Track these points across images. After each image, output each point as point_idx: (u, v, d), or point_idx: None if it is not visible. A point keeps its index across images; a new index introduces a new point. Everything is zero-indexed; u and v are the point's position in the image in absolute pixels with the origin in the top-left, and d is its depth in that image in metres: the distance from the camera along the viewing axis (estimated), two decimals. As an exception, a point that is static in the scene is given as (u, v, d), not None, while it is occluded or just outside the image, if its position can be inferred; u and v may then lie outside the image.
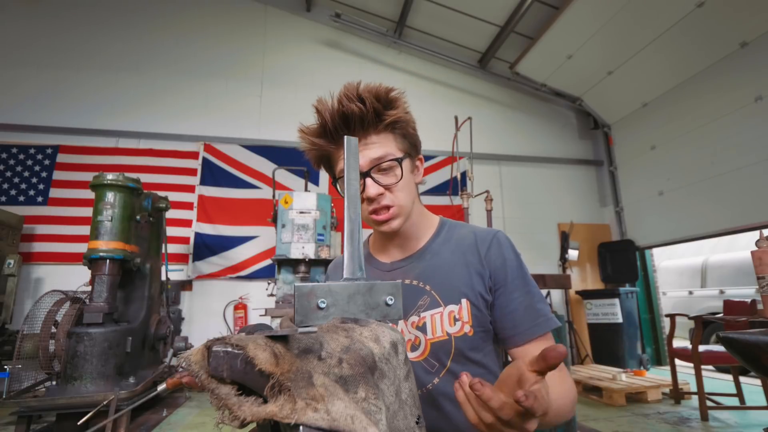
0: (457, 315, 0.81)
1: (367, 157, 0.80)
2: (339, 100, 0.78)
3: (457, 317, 0.81)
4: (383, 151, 0.81)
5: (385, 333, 0.54)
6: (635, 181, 5.64)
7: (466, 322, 0.81)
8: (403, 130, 0.85)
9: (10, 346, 3.53)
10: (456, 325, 0.81)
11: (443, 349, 0.81)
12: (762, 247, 1.83)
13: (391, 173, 0.82)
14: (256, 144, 5.18)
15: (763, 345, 1.46)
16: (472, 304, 0.82)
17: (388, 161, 0.81)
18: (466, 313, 0.81)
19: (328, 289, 0.44)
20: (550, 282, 4.46)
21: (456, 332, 0.81)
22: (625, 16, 4.42)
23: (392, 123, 0.82)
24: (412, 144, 0.89)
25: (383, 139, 0.82)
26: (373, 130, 0.81)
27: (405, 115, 0.84)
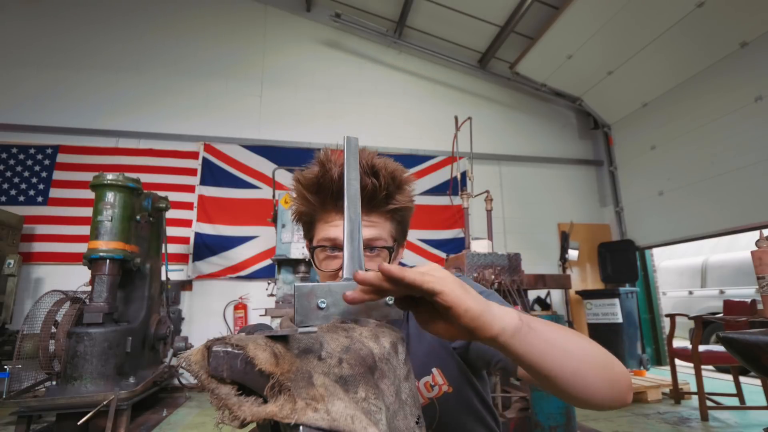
0: (432, 382, 0.81)
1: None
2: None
3: (433, 384, 0.81)
4: (377, 234, 0.76)
5: (385, 333, 0.54)
6: (635, 181, 5.64)
7: (442, 384, 0.81)
8: (403, 218, 0.82)
9: (10, 346, 3.52)
10: (434, 390, 0.81)
11: (429, 412, 0.82)
12: (762, 247, 1.83)
13: (377, 258, 0.78)
14: (256, 144, 5.18)
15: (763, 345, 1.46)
16: (442, 369, 0.81)
17: (379, 246, 0.77)
18: (440, 378, 0.81)
19: (328, 289, 0.44)
20: (550, 282, 4.46)
21: (436, 395, 0.81)
22: (625, 16, 4.42)
23: (397, 209, 0.78)
24: (404, 233, 0.85)
25: (381, 222, 0.78)
26: (377, 211, 0.76)
27: (410, 204, 0.81)
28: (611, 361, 0.57)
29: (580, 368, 0.52)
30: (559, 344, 0.51)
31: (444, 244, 5.31)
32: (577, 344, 0.54)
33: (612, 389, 0.55)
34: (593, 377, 0.53)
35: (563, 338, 0.52)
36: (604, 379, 0.54)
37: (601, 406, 0.56)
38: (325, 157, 0.74)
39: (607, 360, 0.56)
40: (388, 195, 0.75)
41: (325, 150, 0.75)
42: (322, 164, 0.74)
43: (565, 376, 0.51)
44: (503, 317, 0.46)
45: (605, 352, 0.58)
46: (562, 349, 0.51)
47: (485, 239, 3.58)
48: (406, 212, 0.81)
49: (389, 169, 0.75)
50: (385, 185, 0.73)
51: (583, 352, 0.54)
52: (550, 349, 0.49)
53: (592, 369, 0.53)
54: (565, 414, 2.33)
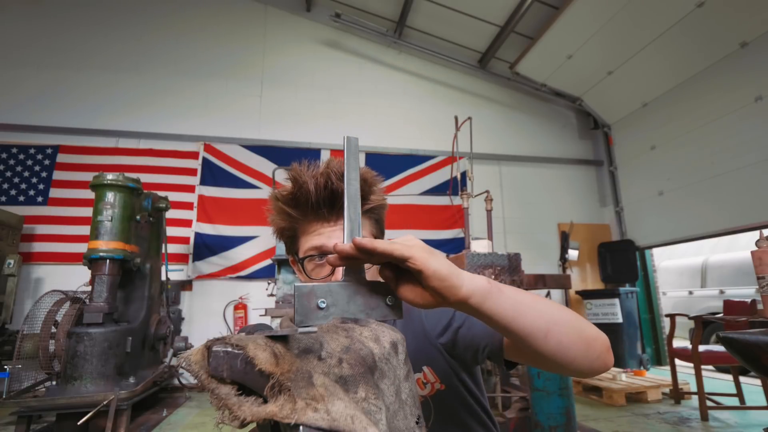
0: (425, 380, 0.84)
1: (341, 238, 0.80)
2: (326, 176, 0.76)
3: (425, 381, 0.84)
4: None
5: (385, 333, 0.54)
6: (635, 181, 5.64)
7: (434, 382, 0.84)
8: (379, 216, 0.85)
9: (10, 346, 3.53)
10: (427, 387, 0.84)
11: (424, 410, 0.84)
12: (762, 247, 1.83)
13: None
14: (256, 144, 5.18)
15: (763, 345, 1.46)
16: (433, 365, 0.84)
17: None
18: (431, 375, 0.84)
19: (328, 289, 0.44)
20: (550, 282, 4.46)
21: (429, 392, 0.84)
22: (625, 16, 4.42)
23: (372, 208, 0.82)
24: (381, 229, 0.88)
25: (362, 222, 0.81)
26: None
27: (383, 202, 0.85)
28: (584, 323, 0.59)
29: (552, 329, 0.55)
30: (528, 304, 0.54)
31: (444, 244, 5.31)
32: (547, 305, 0.57)
33: (588, 349, 0.58)
34: (566, 337, 0.56)
35: (532, 300, 0.55)
36: (578, 339, 0.57)
37: (581, 368, 0.59)
38: (296, 173, 0.78)
39: (579, 322, 0.59)
40: (363, 196, 0.78)
41: (295, 167, 0.79)
42: (295, 180, 0.78)
43: (538, 336, 0.54)
44: (472, 279, 0.49)
45: (577, 316, 0.60)
46: (532, 308, 0.54)
47: (485, 239, 3.58)
48: (381, 210, 0.85)
49: (359, 172, 0.77)
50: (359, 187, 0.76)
51: (553, 312, 0.56)
52: (521, 308, 0.52)
53: (564, 328, 0.56)
54: (565, 414, 2.33)
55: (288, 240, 0.86)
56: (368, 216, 0.83)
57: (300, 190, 0.78)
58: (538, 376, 2.38)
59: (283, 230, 0.85)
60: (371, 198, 0.82)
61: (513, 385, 3.12)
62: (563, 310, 0.58)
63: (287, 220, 0.82)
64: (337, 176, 0.76)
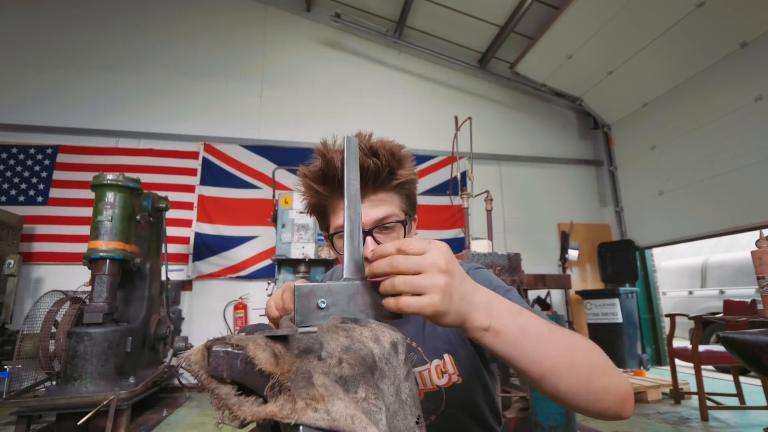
0: (444, 368, 0.83)
1: (372, 216, 0.78)
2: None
3: (444, 370, 0.83)
4: (389, 211, 0.80)
5: (385, 333, 0.54)
6: (635, 181, 5.64)
7: (453, 374, 0.83)
8: (409, 191, 0.85)
9: (10, 346, 3.53)
10: (444, 377, 0.83)
11: (435, 399, 0.83)
12: (762, 247, 1.83)
13: (392, 234, 0.81)
14: (256, 144, 5.18)
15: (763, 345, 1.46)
16: (455, 356, 0.83)
17: (392, 222, 0.80)
18: (450, 366, 0.83)
19: (328, 289, 0.44)
20: (550, 282, 4.46)
21: (445, 384, 0.83)
22: (625, 16, 4.42)
23: (402, 183, 0.81)
24: (413, 206, 0.88)
25: (389, 198, 0.81)
26: (383, 188, 0.80)
27: (414, 176, 0.84)
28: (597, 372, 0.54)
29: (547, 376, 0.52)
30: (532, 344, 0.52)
31: (444, 244, 5.30)
32: (558, 347, 0.53)
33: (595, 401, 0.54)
34: (565, 385, 0.53)
35: (538, 339, 0.53)
36: (582, 389, 0.53)
37: (586, 414, 0.56)
38: (324, 148, 0.78)
39: (591, 371, 0.54)
40: (391, 171, 0.78)
41: (323, 142, 0.78)
42: (323, 155, 0.78)
43: (533, 378, 0.53)
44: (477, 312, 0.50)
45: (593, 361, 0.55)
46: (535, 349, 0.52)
47: (485, 239, 3.58)
48: (411, 185, 0.84)
49: (387, 147, 0.78)
50: (386, 163, 0.76)
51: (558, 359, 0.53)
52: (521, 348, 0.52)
53: (565, 377, 0.53)
54: (565, 414, 2.33)
55: (319, 216, 0.87)
56: (397, 191, 0.82)
57: (327, 167, 0.77)
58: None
59: (313, 206, 0.86)
60: (399, 173, 0.80)
61: (513, 385, 3.12)
62: (574, 355, 0.54)
63: (316, 197, 0.82)
64: (364, 151, 0.75)
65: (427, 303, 0.46)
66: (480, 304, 0.51)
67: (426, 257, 0.48)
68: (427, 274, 0.47)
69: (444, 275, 0.47)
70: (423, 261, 0.48)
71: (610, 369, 0.56)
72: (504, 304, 0.53)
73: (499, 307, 0.52)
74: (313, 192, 0.82)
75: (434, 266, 0.47)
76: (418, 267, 0.47)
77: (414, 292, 0.47)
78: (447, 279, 0.47)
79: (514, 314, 0.53)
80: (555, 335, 0.54)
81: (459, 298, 0.49)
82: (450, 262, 0.49)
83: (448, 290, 0.47)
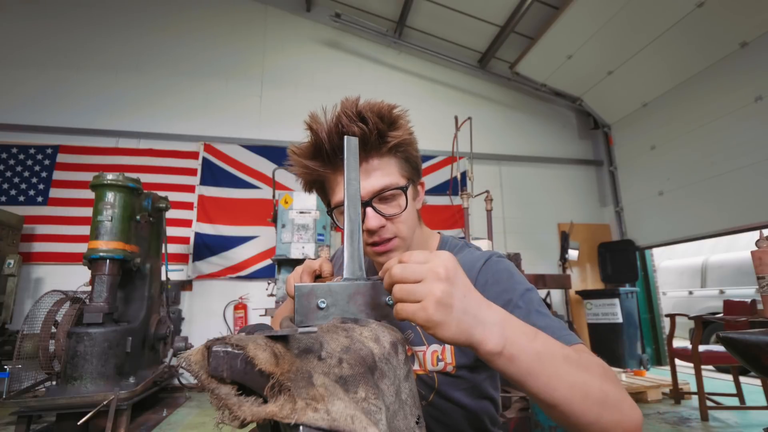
0: (440, 355, 0.79)
1: (369, 186, 0.74)
2: (338, 119, 0.71)
3: (440, 357, 0.79)
4: (387, 180, 0.75)
5: (385, 333, 0.54)
6: (635, 181, 5.64)
7: (449, 363, 0.79)
8: (407, 152, 0.79)
9: (10, 346, 3.52)
10: (439, 365, 0.79)
11: (427, 384, 0.80)
12: (762, 247, 1.83)
13: (394, 203, 0.77)
14: (256, 144, 5.18)
15: (763, 345, 1.46)
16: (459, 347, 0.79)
17: (391, 191, 0.76)
18: (449, 354, 0.79)
19: (328, 289, 0.44)
20: (550, 282, 4.46)
21: (439, 370, 0.79)
22: (625, 17, 4.41)
23: (396, 146, 0.76)
24: (415, 168, 0.82)
25: (385, 164, 0.76)
26: (376, 153, 0.75)
27: (409, 137, 0.78)
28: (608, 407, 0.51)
29: (560, 406, 0.50)
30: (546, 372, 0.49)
31: (444, 244, 5.30)
32: (573, 377, 0.51)
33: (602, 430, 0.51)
34: (574, 417, 0.50)
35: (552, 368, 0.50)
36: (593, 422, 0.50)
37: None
38: (312, 120, 0.74)
39: (604, 404, 0.51)
40: (380, 134, 0.73)
41: (312, 114, 0.74)
42: (310, 128, 0.74)
43: (543, 406, 0.51)
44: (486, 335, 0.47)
45: (606, 393, 0.52)
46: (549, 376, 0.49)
47: (485, 239, 3.58)
48: (408, 146, 0.79)
49: (374, 110, 0.73)
50: (373, 126, 0.72)
51: (572, 391, 0.50)
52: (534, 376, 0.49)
53: (576, 408, 0.50)
54: (565, 414, 2.32)
55: (320, 192, 0.83)
56: (393, 155, 0.77)
57: (316, 138, 0.73)
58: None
59: (310, 183, 0.82)
60: (390, 135, 0.74)
61: (513, 385, 3.11)
62: (588, 387, 0.51)
63: (310, 174, 0.78)
64: (349, 118, 0.71)
65: (420, 309, 0.44)
66: (491, 324, 0.47)
67: (425, 265, 0.47)
68: (425, 282, 0.46)
69: (442, 283, 0.45)
70: (421, 269, 0.46)
71: (623, 401, 0.53)
72: (519, 327, 0.49)
73: (513, 330, 0.48)
74: (306, 169, 0.78)
75: (432, 273, 0.46)
76: (417, 275, 0.46)
77: (409, 299, 0.46)
78: (445, 287, 0.45)
79: (529, 338, 0.49)
80: (570, 363, 0.51)
81: (461, 311, 0.45)
82: (451, 270, 0.47)
83: (446, 300, 0.45)
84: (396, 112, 0.77)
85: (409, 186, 0.79)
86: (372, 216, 0.75)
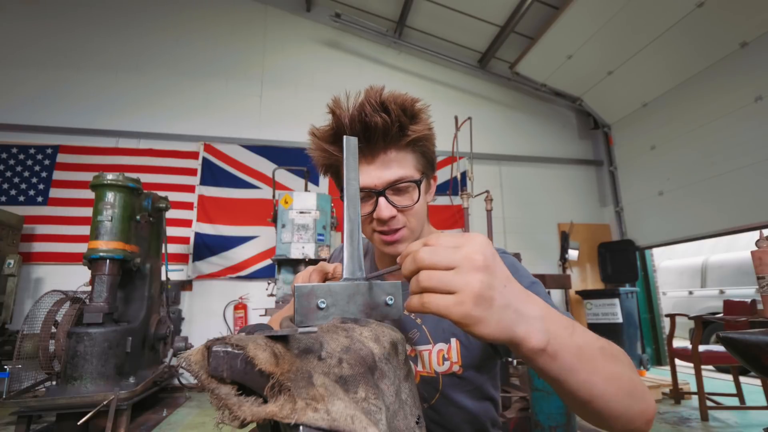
0: (446, 354, 0.78)
1: (384, 177, 0.75)
2: (361, 107, 0.72)
3: (446, 357, 0.78)
4: (402, 172, 0.76)
5: (385, 333, 0.54)
6: (635, 181, 5.64)
7: (455, 363, 0.78)
8: (424, 147, 0.79)
9: (10, 346, 3.52)
10: (444, 365, 0.78)
11: (431, 385, 0.79)
12: (762, 247, 1.83)
13: (407, 195, 0.78)
14: (256, 144, 5.18)
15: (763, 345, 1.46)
16: (463, 343, 0.78)
17: (405, 183, 0.76)
18: (455, 353, 0.78)
19: (328, 289, 0.44)
20: (550, 282, 4.46)
21: (444, 371, 0.78)
22: (625, 17, 4.42)
23: (415, 140, 0.76)
24: (430, 163, 0.83)
25: (402, 157, 0.76)
26: (394, 146, 0.75)
27: (429, 132, 0.78)
28: (634, 397, 0.50)
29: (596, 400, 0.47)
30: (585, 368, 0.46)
31: (444, 244, 5.30)
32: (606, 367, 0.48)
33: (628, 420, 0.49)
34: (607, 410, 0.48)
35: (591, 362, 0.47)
36: (622, 412, 0.49)
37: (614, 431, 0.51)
38: (335, 104, 0.74)
39: (635, 388, 0.50)
40: (401, 127, 0.74)
41: (335, 98, 0.75)
42: (332, 112, 0.75)
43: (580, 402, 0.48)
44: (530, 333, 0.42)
45: (635, 378, 0.51)
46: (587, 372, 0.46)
47: (485, 239, 3.58)
48: (426, 141, 0.79)
49: (398, 102, 0.74)
50: (396, 118, 0.72)
51: (608, 383, 0.47)
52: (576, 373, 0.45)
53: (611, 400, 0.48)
54: (565, 414, 2.33)
55: (334, 177, 0.83)
56: (411, 149, 0.77)
57: (337, 123, 0.74)
58: (538, 376, 2.38)
59: (326, 167, 0.82)
60: (411, 128, 0.74)
61: (513, 385, 3.12)
62: (621, 380, 0.49)
63: (328, 157, 0.78)
64: (373, 107, 0.71)
65: (456, 303, 0.38)
66: (533, 318, 0.42)
67: (459, 250, 0.40)
68: (459, 270, 0.39)
69: (480, 273, 0.39)
70: (454, 254, 0.40)
71: (645, 390, 0.52)
72: (559, 320, 0.45)
73: (555, 324, 0.44)
74: (324, 152, 0.78)
75: (468, 261, 0.39)
76: (448, 261, 0.40)
77: (441, 289, 0.39)
78: (484, 278, 0.39)
79: (569, 331, 0.45)
80: (605, 355, 0.48)
81: (502, 305, 0.40)
82: (490, 258, 0.41)
83: (486, 293, 0.39)
84: (418, 105, 0.77)
85: (422, 180, 0.80)
86: (384, 206, 0.76)
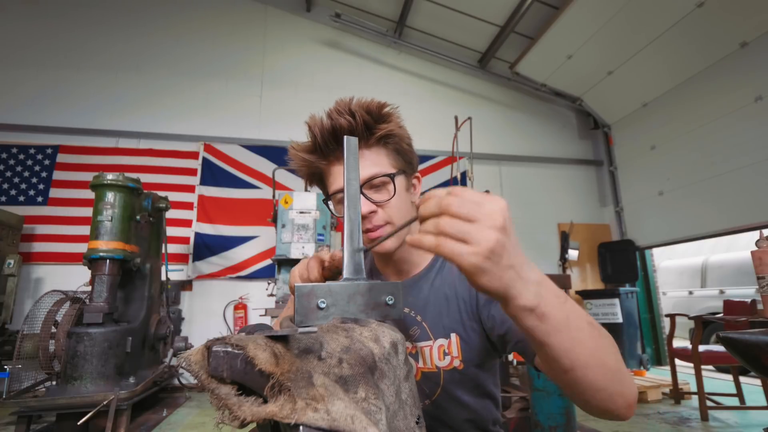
0: (447, 350, 0.80)
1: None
2: (329, 115, 0.78)
3: (447, 352, 0.80)
4: (376, 169, 0.79)
5: (385, 333, 0.54)
6: (635, 181, 5.64)
7: (455, 357, 0.80)
8: (397, 145, 0.83)
9: (10, 346, 3.52)
10: (445, 359, 0.80)
11: (432, 381, 0.81)
12: (762, 247, 1.83)
13: (383, 190, 0.81)
14: (256, 144, 5.18)
15: (763, 345, 1.46)
16: (462, 339, 0.80)
17: (380, 177, 0.80)
18: (455, 348, 0.80)
19: (328, 289, 0.44)
20: (550, 282, 4.45)
21: (445, 366, 0.80)
22: (625, 17, 4.42)
23: (384, 137, 0.80)
24: (407, 161, 0.86)
25: (375, 154, 0.81)
26: (364, 144, 0.80)
27: (398, 130, 0.82)
28: (622, 373, 0.53)
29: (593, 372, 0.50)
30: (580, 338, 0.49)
31: (444, 244, 5.30)
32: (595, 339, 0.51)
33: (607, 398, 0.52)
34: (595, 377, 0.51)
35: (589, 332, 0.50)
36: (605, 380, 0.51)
37: (590, 412, 0.55)
38: (310, 119, 0.80)
39: (619, 369, 0.53)
40: (367, 126, 0.78)
41: (312, 116, 0.81)
42: (308, 125, 0.81)
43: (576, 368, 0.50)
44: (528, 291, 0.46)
45: (621, 361, 0.54)
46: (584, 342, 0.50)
47: (485, 239, 3.58)
48: (398, 138, 0.82)
49: (363, 105, 0.79)
50: (360, 119, 0.77)
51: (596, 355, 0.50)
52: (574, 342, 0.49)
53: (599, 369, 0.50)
54: (565, 414, 2.33)
55: (319, 184, 0.88)
56: (382, 145, 0.81)
57: (312, 134, 0.80)
58: (538, 376, 2.38)
59: (310, 176, 0.87)
60: (378, 127, 0.79)
61: (513, 385, 3.12)
62: (605, 355, 0.51)
63: (309, 166, 0.84)
64: (338, 111, 0.77)
65: (470, 253, 0.41)
66: (530, 282, 0.46)
67: (482, 206, 0.43)
68: (479, 225, 0.42)
69: (498, 232, 0.42)
70: (478, 209, 0.43)
71: (628, 375, 0.55)
72: (553, 289, 0.49)
73: (548, 290, 0.48)
74: (305, 162, 0.83)
75: (490, 218, 0.43)
76: (471, 214, 0.42)
77: (458, 237, 0.42)
78: (500, 237, 0.42)
79: (560, 300, 0.48)
80: (593, 330, 0.51)
81: (507, 265, 0.43)
82: (508, 221, 0.44)
83: (498, 250, 0.42)
84: (386, 109, 0.81)
85: (398, 174, 0.82)
86: (363, 202, 0.78)
